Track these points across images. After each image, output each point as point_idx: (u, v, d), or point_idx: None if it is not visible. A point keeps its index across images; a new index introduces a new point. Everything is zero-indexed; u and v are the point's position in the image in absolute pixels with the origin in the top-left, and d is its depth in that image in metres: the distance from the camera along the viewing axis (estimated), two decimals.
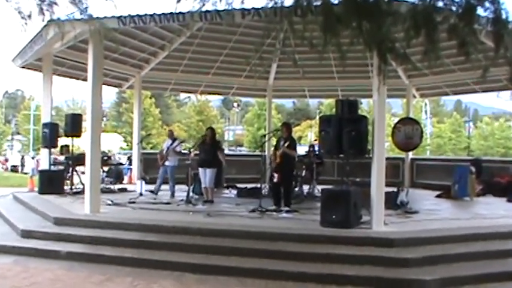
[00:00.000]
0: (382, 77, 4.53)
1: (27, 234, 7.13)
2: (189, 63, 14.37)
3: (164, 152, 10.66)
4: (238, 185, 12.29)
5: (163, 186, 10.76)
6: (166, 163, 10.56)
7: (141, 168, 13.05)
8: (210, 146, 9.72)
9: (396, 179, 13.44)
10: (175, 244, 6.49)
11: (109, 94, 49.27)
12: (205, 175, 9.65)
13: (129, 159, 17.73)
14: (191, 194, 9.76)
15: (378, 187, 6.82)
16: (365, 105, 46.55)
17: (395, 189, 9.13)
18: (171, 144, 10.63)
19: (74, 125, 10.75)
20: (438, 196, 11.49)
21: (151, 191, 10.54)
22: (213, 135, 9.94)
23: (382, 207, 6.90)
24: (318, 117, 44.94)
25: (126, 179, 14.15)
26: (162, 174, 10.73)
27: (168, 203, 9.42)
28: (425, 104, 46.85)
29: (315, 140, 21.13)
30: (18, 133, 52.64)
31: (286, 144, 8.49)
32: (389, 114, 45.70)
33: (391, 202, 8.61)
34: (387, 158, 7.28)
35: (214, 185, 9.91)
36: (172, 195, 10.52)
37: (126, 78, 14.55)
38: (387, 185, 7.11)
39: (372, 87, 7.05)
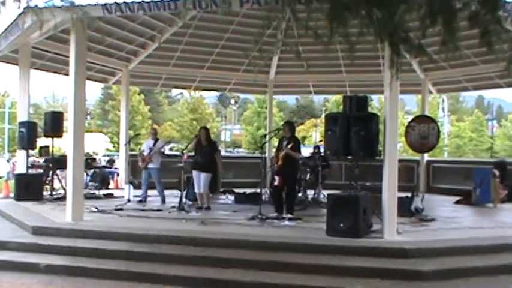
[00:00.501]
0: (395, 71, 4.51)
1: (1, 245, 7.10)
2: (182, 56, 14.37)
3: (146, 153, 10.66)
4: (236, 190, 12.29)
5: (150, 192, 10.79)
6: (150, 165, 10.59)
7: (129, 171, 13.03)
8: (207, 148, 9.70)
9: (410, 183, 13.43)
10: (167, 255, 6.48)
11: (93, 90, 49.43)
12: (200, 179, 9.64)
13: (109, 161, 17.63)
14: (184, 200, 9.75)
15: (390, 192, 6.81)
16: (376, 102, 46.67)
17: (409, 195, 9.12)
18: (154, 145, 10.65)
19: (54, 124, 10.73)
20: (457, 202, 11.48)
21: (140, 201, 10.54)
22: (208, 135, 9.92)
23: (395, 214, 6.89)
24: (323, 115, 45.01)
25: (112, 183, 14.14)
26: (146, 179, 10.75)
27: (158, 210, 9.42)
28: (443, 101, 46.79)
29: (321, 141, 21.13)
30: None
31: (289, 146, 8.48)
32: (402, 111, 45.76)
33: (405, 209, 8.60)
34: (400, 160, 7.27)
35: (209, 189, 9.91)
36: (163, 201, 10.53)
37: (112, 73, 14.55)
38: (400, 189, 7.10)
39: (383, 82, 7.04)
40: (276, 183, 8.74)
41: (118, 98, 37.95)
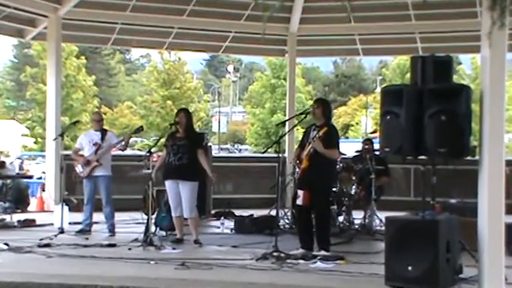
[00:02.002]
0: (498, 14, 4.46)
1: None
2: None
3: (90, 152, 10.70)
4: (237, 212, 12.37)
5: (97, 216, 10.85)
6: (97, 172, 10.65)
7: (62, 183, 13.04)
8: (185, 142, 9.70)
9: None
10: None
11: (0, 49, 49.37)
12: (179, 195, 9.67)
13: None
14: (153, 228, 9.79)
15: (492, 215, 6.75)
16: (467, 67, 46.39)
17: None
18: (103, 138, 10.72)
19: None
20: None
21: (81, 230, 10.59)
22: (188, 122, 9.92)
23: (502, 251, 6.83)
24: (379, 89, 44.77)
25: (34, 202, 14.18)
26: (91, 194, 10.81)
27: (111, 246, 9.46)
28: None
29: (374, 131, 21.09)
30: None
31: (320, 134, 8.48)
32: None
33: None
34: (509, 163, 7.22)
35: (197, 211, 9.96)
36: (112, 229, 10.63)
37: (32, 21, 14.58)
38: (510, 211, 7.07)
39: (481, 33, 6.97)
40: (299, 201, 8.75)
41: (42, 63, 38.14)
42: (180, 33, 15.58)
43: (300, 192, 8.71)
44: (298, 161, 8.91)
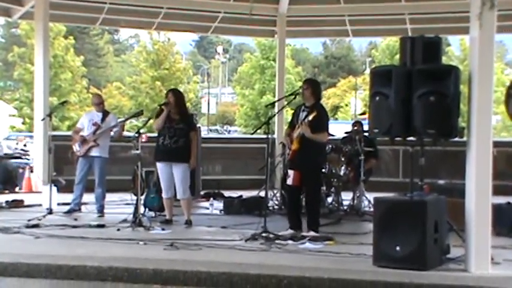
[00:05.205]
0: None
1: None
2: None
3: (89, 132, 10.68)
4: (226, 193, 12.39)
5: (87, 196, 10.84)
6: (93, 152, 10.62)
7: (50, 164, 13.00)
8: (182, 126, 9.66)
9: None
10: None
11: None
12: (172, 177, 9.68)
13: None
14: (142, 209, 9.79)
15: (480, 195, 6.79)
16: (455, 48, 46.36)
17: None
18: (103, 120, 10.69)
19: None
20: None
21: (69, 210, 10.58)
22: (180, 103, 9.86)
23: (488, 231, 6.87)
24: (368, 70, 44.73)
25: (22, 183, 14.14)
26: (83, 173, 10.78)
27: (100, 226, 9.46)
28: None
29: (363, 113, 21.10)
30: None
31: (310, 118, 8.48)
32: (501, 62, 45.36)
33: (505, 223, 8.60)
34: (497, 144, 7.22)
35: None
36: (101, 210, 10.62)
37: (20, 0, 14.45)
38: (497, 191, 7.07)
39: (470, 15, 6.97)
40: (289, 181, 8.77)
41: (30, 43, 37.86)
42: (169, 13, 15.51)
43: (290, 172, 8.73)
44: (288, 140, 8.88)
